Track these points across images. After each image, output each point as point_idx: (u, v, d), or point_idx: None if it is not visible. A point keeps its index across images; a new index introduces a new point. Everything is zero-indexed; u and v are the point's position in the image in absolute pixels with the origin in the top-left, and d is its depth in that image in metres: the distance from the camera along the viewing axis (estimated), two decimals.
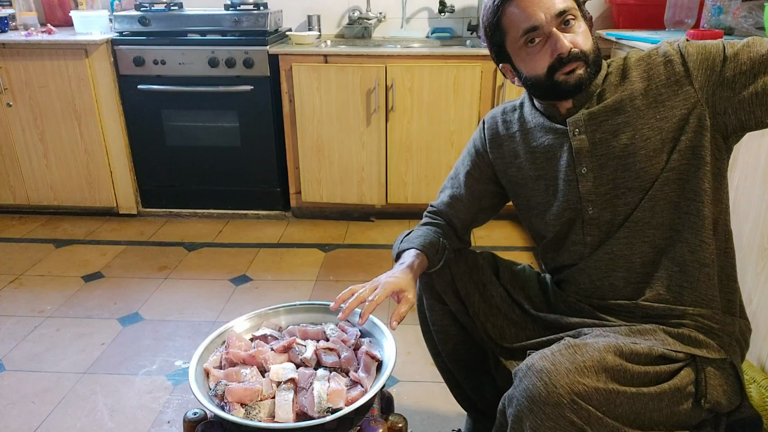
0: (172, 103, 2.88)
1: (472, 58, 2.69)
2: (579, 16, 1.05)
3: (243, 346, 1.25)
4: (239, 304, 2.29)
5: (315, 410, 1.07)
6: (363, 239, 2.86)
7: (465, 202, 1.31)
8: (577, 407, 0.91)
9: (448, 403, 1.73)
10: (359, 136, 2.83)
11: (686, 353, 1.04)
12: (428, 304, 1.35)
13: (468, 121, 2.77)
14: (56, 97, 2.83)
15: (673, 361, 1.03)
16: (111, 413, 1.72)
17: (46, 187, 3.01)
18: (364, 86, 2.73)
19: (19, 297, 2.35)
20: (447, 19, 3.19)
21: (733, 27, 2.12)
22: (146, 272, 2.55)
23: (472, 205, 1.32)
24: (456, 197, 1.33)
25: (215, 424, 1.14)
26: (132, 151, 2.99)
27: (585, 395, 0.91)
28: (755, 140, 1.39)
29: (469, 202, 1.31)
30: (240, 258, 2.67)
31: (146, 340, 2.06)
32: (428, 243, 1.27)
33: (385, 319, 1.25)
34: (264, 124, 2.88)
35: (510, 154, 1.23)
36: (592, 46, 1.07)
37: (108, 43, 2.78)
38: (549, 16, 1.03)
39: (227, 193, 3.06)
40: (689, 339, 1.05)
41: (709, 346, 1.05)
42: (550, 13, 1.03)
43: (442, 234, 1.30)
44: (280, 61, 2.76)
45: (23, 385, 1.84)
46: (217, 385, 1.15)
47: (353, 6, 3.21)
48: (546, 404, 0.91)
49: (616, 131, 1.07)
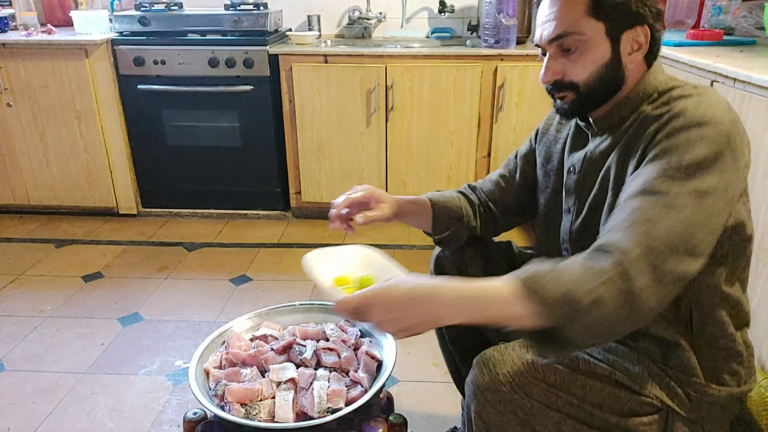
0: (172, 103, 2.88)
1: (472, 58, 2.69)
2: (590, 41, 0.96)
3: (243, 346, 1.25)
4: (239, 304, 2.29)
5: (315, 410, 1.07)
6: (363, 239, 2.86)
7: (515, 185, 1.25)
8: (518, 397, 0.93)
9: (448, 403, 1.74)
10: (359, 136, 2.83)
11: (656, 397, 0.99)
12: None
13: (468, 121, 2.77)
14: (56, 97, 2.83)
15: (638, 394, 0.99)
16: (111, 413, 1.72)
17: (46, 187, 3.01)
18: (364, 86, 2.73)
19: (19, 297, 2.35)
20: (447, 19, 3.19)
21: (733, 27, 2.12)
22: (146, 272, 2.55)
23: (521, 190, 1.25)
24: (504, 177, 1.27)
25: (215, 424, 1.14)
26: (132, 151, 2.99)
27: (526, 387, 0.93)
28: (755, 140, 1.38)
29: (519, 187, 1.25)
30: (240, 258, 2.67)
31: (146, 340, 2.06)
32: (442, 200, 1.23)
33: None
34: (264, 124, 2.88)
35: (546, 155, 1.20)
36: (590, 77, 0.98)
37: (108, 43, 2.78)
38: (545, 40, 1.00)
39: (227, 193, 3.06)
40: (667, 384, 1.00)
41: (682, 403, 1.00)
42: (545, 38, 1.00)
43: (467, 204, 1.25)
44: (280, 61, 2.76)
45: (23, 385, 1.84)
46: (217, 385, 1.15)
47: (353, 6, 3.21)
48: (487, 390, 0.94)
49: (595, 180, 1.03)
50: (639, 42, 0.98)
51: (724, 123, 0.88)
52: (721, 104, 0.91)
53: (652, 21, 0.97)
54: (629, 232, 0.84)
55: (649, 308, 0.82)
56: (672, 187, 0.85)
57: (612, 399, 0.98)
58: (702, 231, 0.85)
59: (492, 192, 1.28)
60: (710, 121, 0.88)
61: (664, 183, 0.86)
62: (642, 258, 0.81)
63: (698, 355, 0.99)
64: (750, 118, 1.41)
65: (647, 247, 0.82)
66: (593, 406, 0.97)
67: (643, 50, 0.98)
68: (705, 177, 0.85)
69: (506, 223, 1.29)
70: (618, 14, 0.96)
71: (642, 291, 0.80)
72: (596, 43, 0.97)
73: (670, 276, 0.82)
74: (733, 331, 1.00)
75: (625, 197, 0.89)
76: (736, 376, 1.01)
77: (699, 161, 0.86)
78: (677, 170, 0.86)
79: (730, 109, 0.92)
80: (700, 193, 0.85)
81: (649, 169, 0.89)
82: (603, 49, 0.97)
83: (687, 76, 1.73)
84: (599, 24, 0.96)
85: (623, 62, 0.98)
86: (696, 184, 0.85)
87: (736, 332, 1.00)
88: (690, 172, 0.86)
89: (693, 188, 0.85)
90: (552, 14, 0.98)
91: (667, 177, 0.86)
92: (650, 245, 0.82)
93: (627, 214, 0.86)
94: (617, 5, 0.95)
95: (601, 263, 0.82)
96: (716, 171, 0.86)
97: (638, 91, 0.99)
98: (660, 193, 0.85)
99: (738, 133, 0.89)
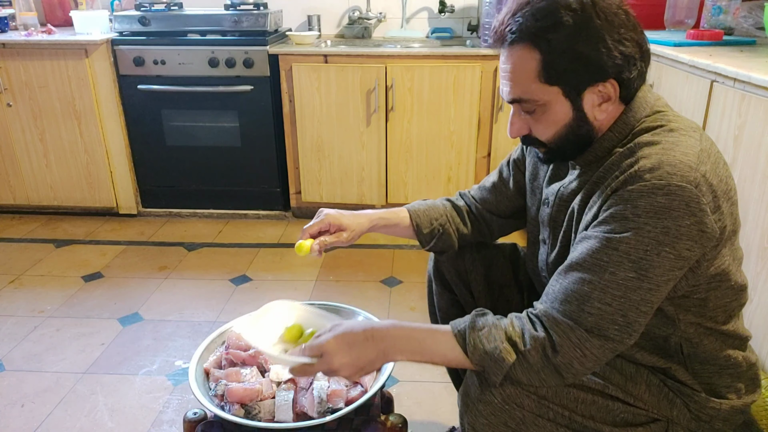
0: (172, 103, 2.88)
1: (472, 58, 2.69)
2: (548, 104, 0.91)
3: (243, 346, 1.25)
4: (239, 304, 2.29)
5: (315, 410, 1.07)
6: (363, 239, 2.83)
7: (509, 192, 1.23)
8: (509, 408, 0.93)
9: (448, 403, 1.74)
10: (359, 136, 2.83)
11: (653, 409, 0.98)
12: (437, 290, 1.34)
13: (468, 121, 2.77)
14: (56, 97, 2.83)
15: (632, 406, 0.99)
16: (111, 413, 1.72)
17: (46, 187, 3.01)
18: (364, 86, 2.73)
19: (19, 297, 2.35)
20: (447, 19, 3.19)
21: (733, 27, 2.12)
22: (146, 272, 2.55)
23: (515, 196, 1.22)
24: (498, 183, 1.25)
25: (215, 424, 1.14)
26: (132, 151, 2.99)
27: (517, 399, 0.93)
28: (755, 140, 1.39)
29: (513, 193, 1.22)
30: (240, 258, 2.67)
31: (146, 340, 2.06)
32: (423, 208, 1.23)
33: (384, 318, 1.25)
34: (264, 124, 2.88)
35: (533, 171, 1.17)
36: (555, 137, 0.94)
37: (108, 43, 2.78)
38: (504, 99, 0.96)
39: (227, 193, 3.06)
40: (666, 396, 0.98)
41: (681, 414, 0.98)
42: (503, 98, 0.97)
43: (452, 210, 1.25)
44: (280, 61, 2.76)
45: (23, 385, 1.84)
46: (217, 385, 1.15)
47: (353, 6, 3.21)
48: (479, 402, 0.94)
49: (564, 217, 1.02)
50: (606, 94, 0.91)
51: (687, 185, 0.82)
52: (690, 153, 0.85)
53: (619, 71, 0.88)
54: (564, 305, 0.88)
55: (575, 375, 0.88)
56: (612, 262, 0.84)
57: (604, 411, 0.97)
58: (636, 312, 0.86)
59: (485, 199, 1.26)
60: (668, 185, 0.82)
61: (606, 255, 0.85)
62: (570, 334, 0.86)
63: (693, 374, 0.98)
64: (750, 118, 1.41)
65: (576, 324, 0.86)
66: (585, 417, 0.96)
67: (612, 100, 0.92)
68: (650, 255, 0.83)
69: (502, 228, 1.27)
70: (573, 76, 0.89)
71: (567, 365, 0.87)
72: (554, 104, 0.91)
73: (596, 353, 0.86)
74: (729, 352, 0.98)
75: (568, 263, 0.90)
76: (737, 391, 1.00)
77: (645, 238, 0.83)
78: (621, 243, 0.84)
79: (700, 160, 0.85)
80: (641, 272, 0.84)
81: (597, 235, 0.87)
82: (563, 110, 0.92)
83: (687, 76, 1.73)
84: (554, 88, 0.90)
85: (589, 117, 0.92)
86: (639, 263, 0.83)
87: (734, 351, 0.99)
88: (633, 248, 0.83)
89: (635, 267, 0.84)
90: (506, 75, 0.93)
91: (611, 249, 0.85)
92: (581, 322, 0.86)
93: (566, 284, 0.89)
94: (570, 69, 0.88)
95: (532, 330, 0.89)
96: (665, 246, 0.82)
97: (614, 131, 0.94)
98: (600, 268, 0.85)
99: (703, 193, 0.83)
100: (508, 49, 0.92)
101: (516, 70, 0.91)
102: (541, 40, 0.87)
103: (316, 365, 0.95)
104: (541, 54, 0.88)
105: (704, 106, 1.62)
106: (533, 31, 0.88)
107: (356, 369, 0.94)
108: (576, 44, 0.86)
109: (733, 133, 1.48)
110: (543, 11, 0.87)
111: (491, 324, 0.92)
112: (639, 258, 0.84)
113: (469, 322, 0.93)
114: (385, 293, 2.35)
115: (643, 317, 0.87)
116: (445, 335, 0.93)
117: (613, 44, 0.87)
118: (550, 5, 0.87)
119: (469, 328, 0.92)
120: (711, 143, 0.92)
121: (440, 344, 0.93)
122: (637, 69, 0.90)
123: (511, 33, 0.90)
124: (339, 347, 0.94)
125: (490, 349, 0.89)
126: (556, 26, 0.86)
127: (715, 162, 0.88)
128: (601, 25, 0.86)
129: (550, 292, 0.91)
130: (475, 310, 0.96)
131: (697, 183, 0.83)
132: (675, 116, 0.93)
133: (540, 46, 0.88)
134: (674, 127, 0.90)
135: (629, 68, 0.89)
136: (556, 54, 0.87)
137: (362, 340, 0.94)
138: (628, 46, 0.88)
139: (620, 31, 0.87)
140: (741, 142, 1.44)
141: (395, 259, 2.65)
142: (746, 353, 1.01)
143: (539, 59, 0.88)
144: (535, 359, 0.88)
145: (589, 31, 0.86)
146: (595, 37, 0.86)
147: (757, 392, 1.03)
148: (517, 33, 0.89)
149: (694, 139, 0.88)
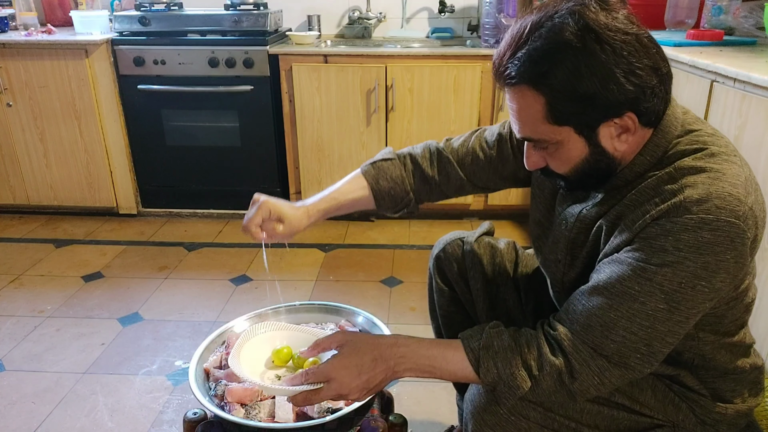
0: (172, 103, 2.88)
1: (473, 58, 2.69)
2: (561, 142, 0.86)
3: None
4: (239, 304, 2.29)
5: (315, 410, 1.07)
6: (363, 239, 2.86)
7: (491, 163, 1.15)
8: (515, 419, 0.93)
9: (448, 403, 1.73)
10: (359, 136, 2.83)
11: (659, 415, 0.97)
12: (437, 287, 1.33)
13: (468, 121, 2.77)
14: (56, 97, 2.83)
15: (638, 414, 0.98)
16: (111, 413, 1.72)
17: (46, 187, 3.01)
18: (364, 86, 2.73)
19: (19, 297, 2.35)
20: (447, 19, 3.19)
21: (733, 27, 2.12)
22: (146, 272, 2.55)
23: (499, 168, 1.15)
24: (481, 151, 1.16)
25: (215, 424, 1.14)
26: (132, 151, 2.99)
27: (523, 410, 0.93)
28: (756, 140, 1.39)
29: (496, 165, 1.15)
30: (240, 258, 2.67)
31: (146, 340, 2.06)
32: (384, 178, 1.23)
33: (384, 318, 1.25)
34: (264, 124, 2.88)
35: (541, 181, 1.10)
36: (573, 171, 0.89)
37: (108, 43, 2.78)
38: (516, 135, 0.93)
39: (227, 193, 3.06)
40: (672, 401, 0.97)
41: (687, 419, 0.98)
42: (515, 134, 0.92)
43: (402, 169, 1.25)
44: (280, 61, 2.76)
45: (23, 385, 1.84)
46: (217, 385, 1.15)
47: (353, 6, 3.21)
48: (485, 412, 0.94)
49: (588, 237, 0.96)
50: (623, 126, 0.83)
51: (735, 220, 0.77)
52: (738, 184, 0.80)
53: (635, 103, 0.81)
54: (587, 330, 0.85)
55: (587, 398, 0.88)
56: (643, 292, 0.80)
57: (609, 420, 0.97)
58: (661, 342, 0.83)
59: (464, 163, 1.18)
60: (716, 219, 0.77)
61: (638, 284, 0.81)
62: (591, 362, 0.85)
63: (699, 379, 0.98)
64: (750, 118, 1.41)
65: (598, 351, 0.85)
66: (590, 427, 0.96)
67: (633, 131, 0.84)
68: (684, 288, 0.79)
69: (460, 190, 1.20)
70: (582, 117, 0.82)
71: (584, 391, 0.86)
72: (568, 142, 0.85)
73: (614, 381, 0.86)
74: (738, 362, 0.97)
75: (593, 285, 0.86)
76: (742, 395, 0.99)
77: (682, 272, 0.79)
78: (656, 275, 0.79)
79: (747, 191, 0.80)
80: (672, 303, 0.80)
81: (630, 262, 0.82)
82: (578, 146, 0.86)
83: (687, 77, 1.73)
84: (564, 128, 0.84)
85: (608, 150, 0.86)
86: (671, 296, 0.80)
87: (742, 360, 0.98)
88: (669, 280, 0.79)
89: (666, 298, 0.80)
90: (513, 113, 0.88)
91: (644, 279, 0.80)
92: (603, 350, 0.85)
93: (589, 308, 0.85)
94: (578, 111, 0.82)
95: (549, 355, 0.86)
96: (701, 280, 0.79)
97: (645, 154, 0.87)
98: (629, 297, 0.81)
99: (749, 227, 0.79)
100: (511, 90, 0.86)
101: (522, 110, 0.86)
102: (541, 85, 0.81)
103: (323, 392, 0.92)
104: (545, 97, 0.82)
105: (704, 106, 1.62)
106: (532, 76, 0.81)
107: (366, 391, 0.93)
108: (580, 85, 0.79)
109: (733, 133, 1.47)
110: (540, 52, 0.80)
111: (507, 346, 0.88)
112: (673, 290, 0.80)
113: (484, 341, 0.89)
114: (385, 293, 2.35)
115: (667, 348, 0.84)
116: (456, 353, 0.90)
117: (624, 77, 0.79)
118: (547, 44, 0.80)
119: (483, 348, 0.89)
120: (747, 165, 0.87)
121: (451, 363, 0.90)
122: (656, 95, 0.82)
123: (510, 78, 0.84)
124: (347, 372, 0.92)
125: (505, 376, 0.87)
126: (556, 68, 0.79)
127: (756, 188, 0.84)
128: (606, 60, 0.78)
129: (572, 312, 0.87)
130: (489, 324, 0.93)
131: (745, 218, 0.78)
132: (710, 134, 0.87)
133: (542, 89, 0.81)
134: (715, 151, 0.84)
135: (646, 98, 0.81)
136: (559, 97, 0.81)
137: (370, 362, 0.91)
138: (642, 74, 0.80)
139: (630, 61, 0.79)
140: (741, 143, 1.44)
141: (395, 259, 2.65)
142: (752, 359, 1.00)
143: (544, 102, 0.82)
144: (548, 384, 0.86)
145: (594, 69, 0.78)
146: (600, 73, 0.78)
147: (760, 395, 1.03)
148: (517, 77, 0.83)
149: (738, 166, 0.83)
